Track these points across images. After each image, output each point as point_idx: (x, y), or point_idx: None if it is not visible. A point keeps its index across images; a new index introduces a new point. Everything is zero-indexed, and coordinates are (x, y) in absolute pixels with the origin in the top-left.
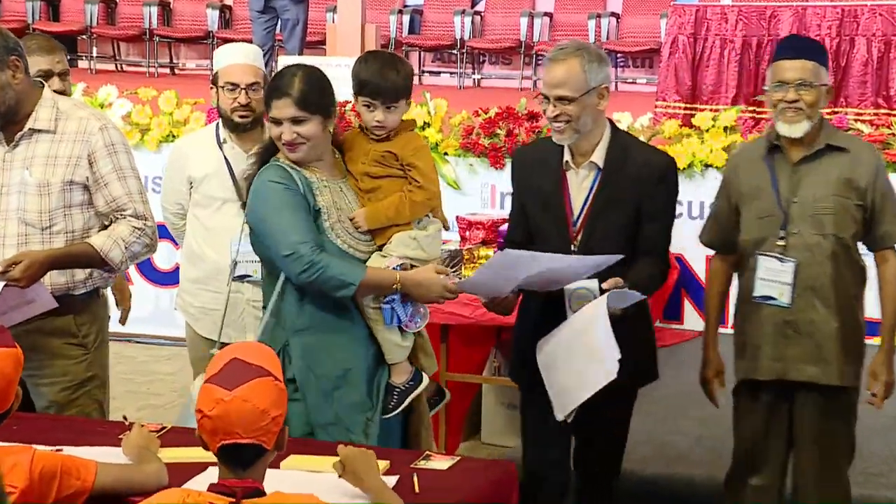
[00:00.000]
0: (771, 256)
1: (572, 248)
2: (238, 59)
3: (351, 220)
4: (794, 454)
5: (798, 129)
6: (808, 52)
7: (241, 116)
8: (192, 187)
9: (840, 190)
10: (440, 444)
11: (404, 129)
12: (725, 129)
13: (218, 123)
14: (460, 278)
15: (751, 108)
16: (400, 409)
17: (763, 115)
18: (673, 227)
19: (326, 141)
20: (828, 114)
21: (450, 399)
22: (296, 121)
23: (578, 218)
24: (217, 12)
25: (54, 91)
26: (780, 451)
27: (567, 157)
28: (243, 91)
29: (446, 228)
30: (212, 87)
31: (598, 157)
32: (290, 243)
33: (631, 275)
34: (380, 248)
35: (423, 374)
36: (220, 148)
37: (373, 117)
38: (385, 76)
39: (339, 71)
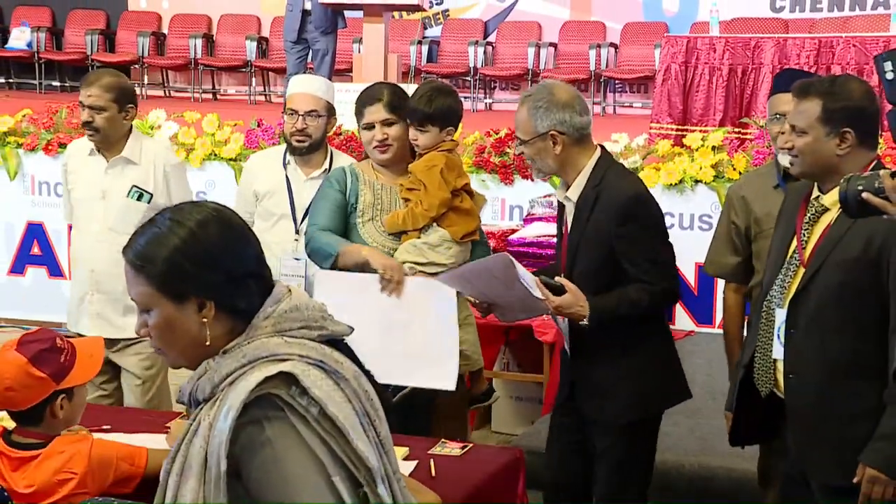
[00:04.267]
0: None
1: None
2: (301, 88)
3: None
4: None
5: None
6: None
7: (298, 141)
8: (257, 200)
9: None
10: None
11: (433, 147)
12: (713, 148)
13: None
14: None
15: (736, 130)
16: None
17: (747, 136)
18: (659, 250)
19: (406, 147)
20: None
21: (496, 399)
22: (386, 123)
23: (567, 254)
24: (255, 43)
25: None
26: None
27: (563, 192)
28: (301, 117)
29: (473, 238)
30: (283, 113)
31: (573, 194)
32: (311, 221)
33: (615, 294)
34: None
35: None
36: (284, 168)
37: (412, 136)
38: (416, 103)
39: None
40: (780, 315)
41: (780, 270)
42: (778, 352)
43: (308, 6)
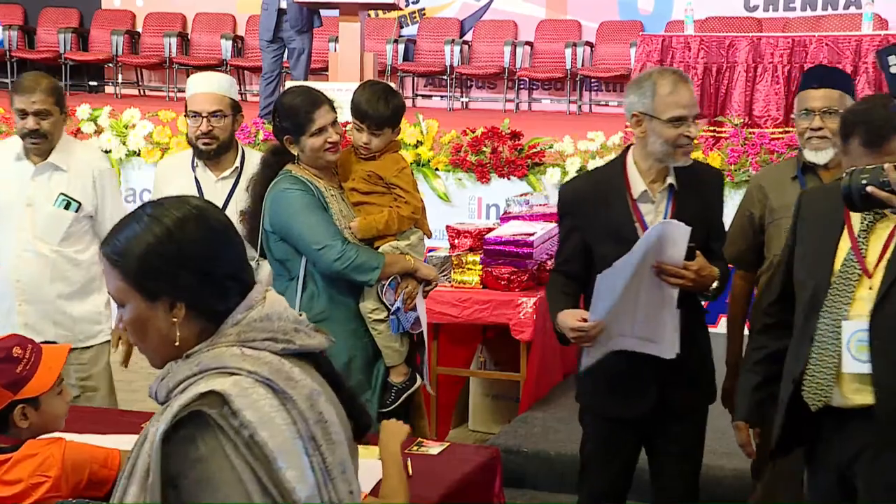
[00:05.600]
0: None
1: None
2: (202, 87)
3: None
4: None
5: (823, 156)
6: (832, 80)
7: (205, 144)
8: None
9: None
10: (432, 432)
11: (389, 150)
12: None
13: None
14: (449, 281)
15: (711, 128)
16: (396, 405)
17: (722, 134)
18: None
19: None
20: (780, 134)
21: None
22: (335, 122)
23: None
24: (230, 42)
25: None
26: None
27: (643, 185)
28: (204, 119)
29: (429, 237)
30: (184, 116)
31: (672, 179)
32: (321, 238)
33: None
34: None
35: (418, 374)
36: (193, 171)
37: (360, 138)
38: (374, 105)
39: (340, 95)
40: (850, 327)
41: (832, 280)
42: (851, 365)
43: (284, 5)
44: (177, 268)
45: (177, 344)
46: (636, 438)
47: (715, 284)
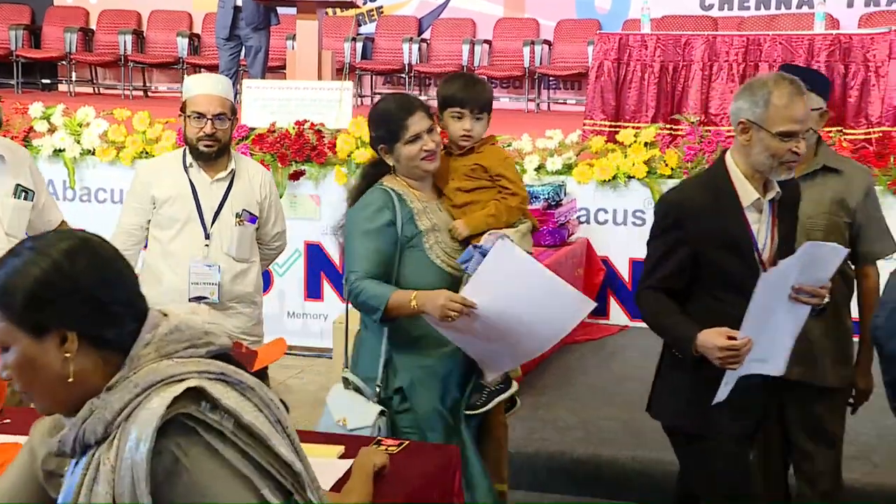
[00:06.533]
0: None
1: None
2: (206, 89)
3: (450, 230)
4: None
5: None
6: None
7: (207, 146)
8: (155, 208)
9: (832, 209)
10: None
11: (487, 141)
12: (646, 144)
13: (186, 149)
14: None
15: (668, 126)
16: (487, 408)
17: (679, 133)
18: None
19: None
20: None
21: (518, 408)
22: (429, 130)
23: (779, 248)
24: (186, 40)
25: None
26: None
27: (755, 193)
28: (209, 121)
29: (537, 229)
30: (180, 115)
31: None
32: (347, 270)
33: None
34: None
35: (513, 380)
36: (186, 172)
37: (461, 126)
38: (473, 89)
39: (296, 93)
40: None
41: None
42: None
43: (240, 2)
44: (66, 298)
45: (70, 380)
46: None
47: (827, 299)
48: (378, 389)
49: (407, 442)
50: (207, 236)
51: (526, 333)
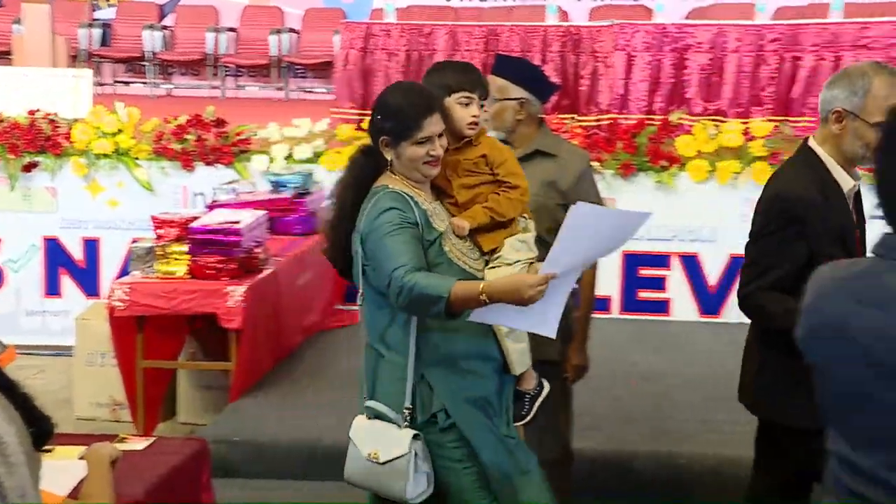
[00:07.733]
0: None
1: None
2: None
3: (452, 229)
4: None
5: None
6: (498, 68)
7: None
8: None
9: (543, 191)
10: (139, 428)
11: (482, 133)
12: None
13: None
14: (154, 272)
15: None
16: (532, 414)
17: None
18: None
19: None
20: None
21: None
22: (441, 134)
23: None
24: None
25: None
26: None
27: (851, 181)
28: None
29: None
30: None
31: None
32: (388, 272)
33: None
34: (486, 259)
35: (544, 380)
36: None
37: (469, 113)
38: (475, 74)
39: (27, 81)
40: None
41: None
42: None
43: None
44: None
45: None
46: None
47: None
48: (406, 413)
49: (154, 438)
50: None
51: (585, 263)
